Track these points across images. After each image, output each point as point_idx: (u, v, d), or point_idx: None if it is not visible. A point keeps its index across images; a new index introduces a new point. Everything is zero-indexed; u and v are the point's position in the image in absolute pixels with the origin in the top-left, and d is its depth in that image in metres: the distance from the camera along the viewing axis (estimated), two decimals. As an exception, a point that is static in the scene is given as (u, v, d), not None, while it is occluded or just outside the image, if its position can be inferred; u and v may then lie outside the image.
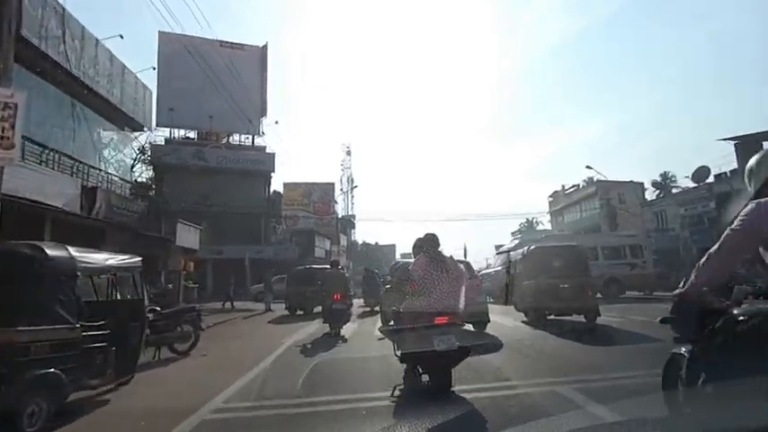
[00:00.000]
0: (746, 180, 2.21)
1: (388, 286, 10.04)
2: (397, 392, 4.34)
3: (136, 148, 23.58)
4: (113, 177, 14.36)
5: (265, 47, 36.48)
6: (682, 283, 2.17)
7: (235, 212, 33.09)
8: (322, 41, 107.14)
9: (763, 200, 1.93)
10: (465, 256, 39.97)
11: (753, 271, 2.24)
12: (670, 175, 44.60)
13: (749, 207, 1.94)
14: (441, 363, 4.14)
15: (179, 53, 30.41)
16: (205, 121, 32.87)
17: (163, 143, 32.88)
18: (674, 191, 40.24)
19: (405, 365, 4.51)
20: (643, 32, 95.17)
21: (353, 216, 55.40)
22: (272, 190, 38.70)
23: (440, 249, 4.70)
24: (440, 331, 4.10)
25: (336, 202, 46.38)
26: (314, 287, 15.30)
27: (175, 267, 17.36)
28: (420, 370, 4.42)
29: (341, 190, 48.72)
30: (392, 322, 5.18)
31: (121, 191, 14.55)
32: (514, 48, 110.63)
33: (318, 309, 15.17)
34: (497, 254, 23.15)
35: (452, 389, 4.27)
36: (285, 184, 42.58)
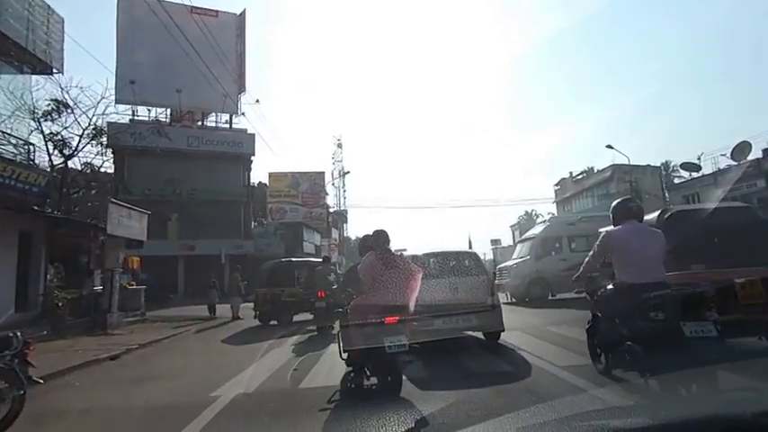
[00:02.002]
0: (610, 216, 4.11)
1: (335, 286, 8.82)
2: (336, 397, 4.05)
3: (82, 124, 19.04)
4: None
5: (243, 14, 32.21)
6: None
7: (210, 201, 28.85)
8: (312, 25, 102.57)
9: (609, 229, 4.03)
10: (470, 246, 36.40)
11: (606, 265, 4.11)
12: (672, 164, 41.90)
13: (602, 235, 4.05)
14: (391, 364, 3.92)
15: (142, 19, 26.23)
16: (173, 96, 28.55)
17: (126, 122, 28.45)
18: (675, 180, 37.33)
19: (350, 368, 4.18)
20: (640, 22, 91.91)
21: (346, 211, 51.40)
22: (252, 176, 34.61)
23: (389, 247, 4.48)
24: (390, 331, 3.86)
25: (327, 194, 42.32)
26: (293, 288, 11.43)
27: (112, 265, 13.16)
28: (368, 372, 4.07)
29: (332, 184, 44.59)
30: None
31: (15, 156, 10.31)
32: (509, 38, 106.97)
33: (299, 317, 11.34)
34: (519, 241, 19.05)
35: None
36: (271, 174, 38.61)
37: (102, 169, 23.57)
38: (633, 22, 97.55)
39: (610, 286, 4.01)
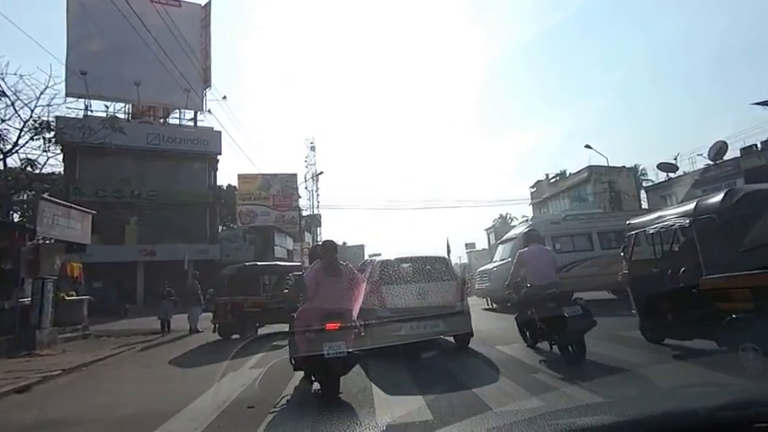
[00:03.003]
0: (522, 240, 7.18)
1: (286, 291, 8.65)
2: (282, 402, 4.13)
3: (23, 116, 16.85)
4: None
5: (208, 5, 30.38)
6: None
7: (172, 203, 26.78)
8: (284, 26, 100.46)
9: (522, 250, 6.06)
10: (448, 252, 35.33)
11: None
12: (640, 167, 42.64)
13: (517, 254, 6.21)
14: (330, 369, 3.97)
15: (95, 5, 24.10)
16: (131, 90, 26.43)
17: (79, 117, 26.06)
18: (644, 183, 37.87)
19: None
20: (605, 32, 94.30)
21: (319, 215, 49.64)
22: (220, 178, 32.72)
23: (336, 256, 4.66)
24: (330, 337, 3.98)
25: (300, 196, 40.55)
26: (258, 296, 9.98)
27: (48, 272, 11.29)
28: (313, 377, 4.30)
29: (305, 188, 42.75)
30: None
31: None
32: (481, 44, 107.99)
33: (265, 330, 9.87)
34: (500, 242, 18.06)
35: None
36: (240, 176, 36.61)
37: (50, 168, 21.36)
38: (598, 32, 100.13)
39: (525, 288, 5.86)
